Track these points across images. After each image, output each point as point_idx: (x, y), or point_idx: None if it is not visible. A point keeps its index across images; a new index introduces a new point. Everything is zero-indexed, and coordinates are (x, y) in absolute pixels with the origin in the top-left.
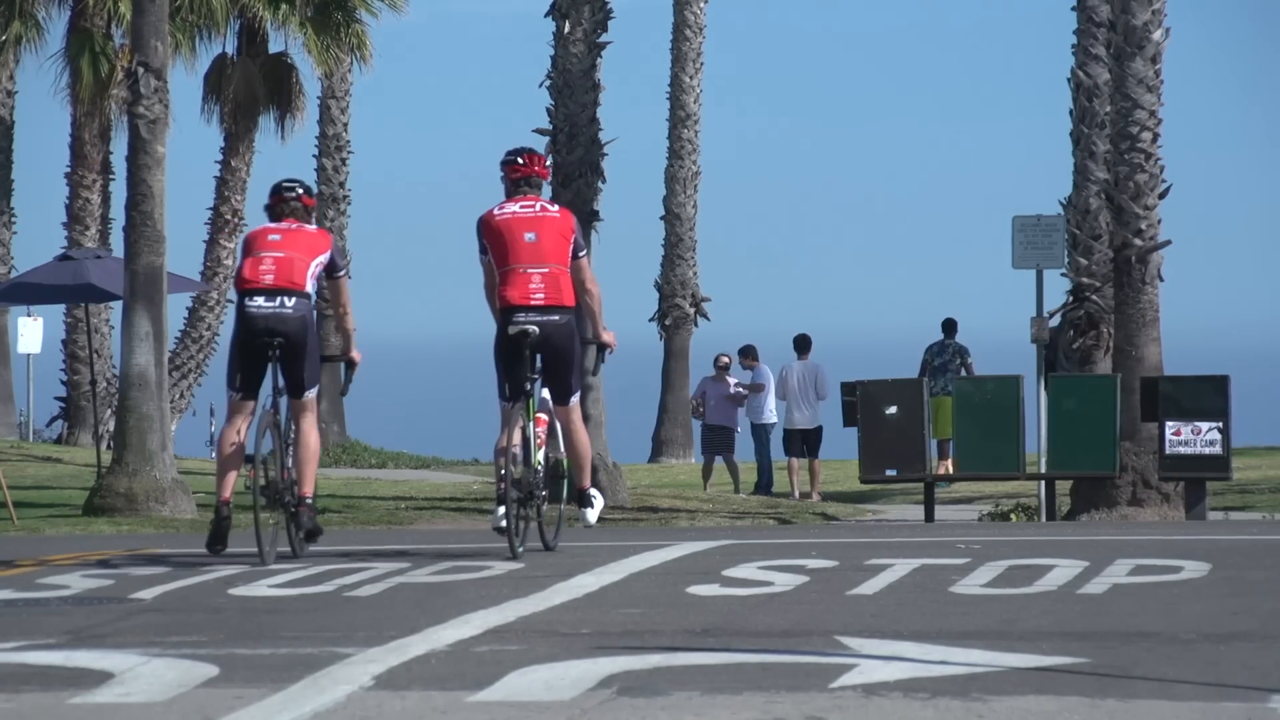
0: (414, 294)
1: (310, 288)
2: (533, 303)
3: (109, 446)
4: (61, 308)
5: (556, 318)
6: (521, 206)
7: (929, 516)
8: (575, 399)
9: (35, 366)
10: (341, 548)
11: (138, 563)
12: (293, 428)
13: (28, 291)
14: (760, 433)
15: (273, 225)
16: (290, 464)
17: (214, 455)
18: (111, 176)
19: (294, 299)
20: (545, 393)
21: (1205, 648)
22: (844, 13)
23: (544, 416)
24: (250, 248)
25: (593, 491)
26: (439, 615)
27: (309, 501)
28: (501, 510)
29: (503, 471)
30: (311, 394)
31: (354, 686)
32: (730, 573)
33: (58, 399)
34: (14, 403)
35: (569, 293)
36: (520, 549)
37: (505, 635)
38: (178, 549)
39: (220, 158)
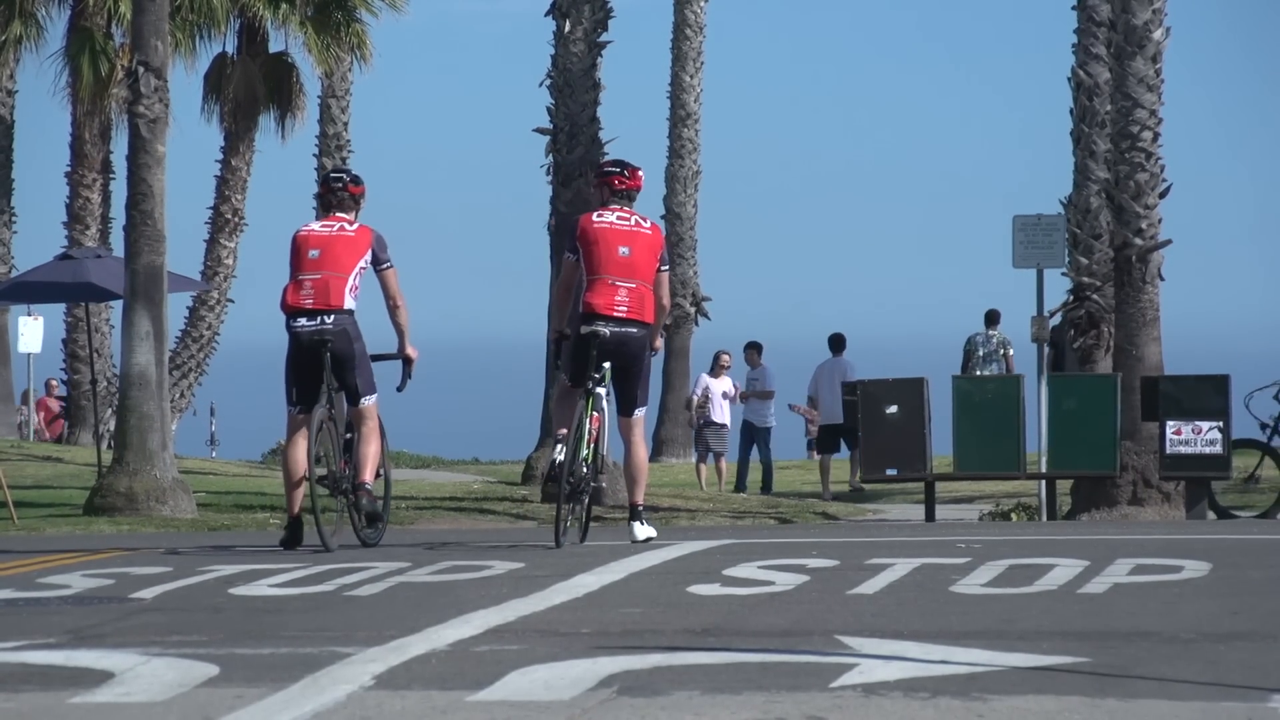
0: (414, 295)
1: (350, 303)
2: (615, 314)
3: (109, 446)
4: (62, 307)
5: (634, 330)
6: (618, 218)
7: (929, 516)
8: (640, 413)
9: (36, 366)
10: (345, 548)
11: (138, 562)
12: (356, 430)
13: (28, 291)
14: (764, 435)
15: (315, 231)
16: (349, 457)
17: (275, 462)
18: (112, 176)
19: (334, 315)
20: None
21: (1206, 647)
22: (845, 12)
23: (598, 415)
24: (293, 266)
25: (644, 507)
26: (439, 615)
27: (368, 487)
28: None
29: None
30: (368, 401)
31: (354, 686)
32: (731, 572)
33: (59, 399)
34: (14, 402)
35: (650, 309)
36: (572, 542)
37: (505, 635)
38: (180, 548)
39: (220, 157)
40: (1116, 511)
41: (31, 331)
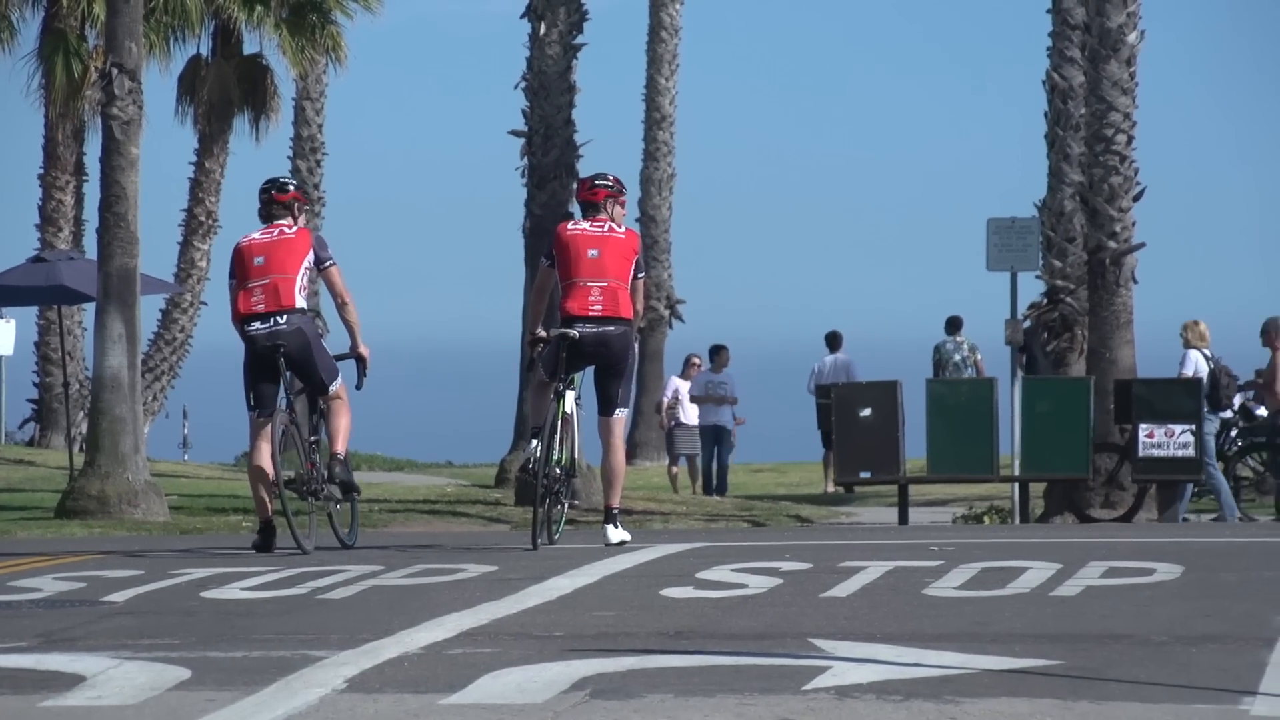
0: (388, 298)
1: (301, 302)
2: (591, 313)
3: (81, 449)
4: (34, 310)
5: (613, 328)
6: (592, 225)
7: (903, 519)
8: (620, 413)
9: (7, 369)
10: (318, 550)
11: (110, 566)
12: (327, 412)
13: (2, 293)
14: (725, 435)
15: (256, 239)
16: (315, 443)
17: (243, 465)
18: (85, 178)
19: (286, 315)
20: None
21: (1177, 650)
22: (819, 14)
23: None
24: (239, 275)
25: (619, 510)
26: (412, 618)
27: (340, 457)
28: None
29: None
30: (335, 385)
31: (326, 689)
32: (704, 575)
33: (30, 401)
34: None
35: (627, 306)
36: (542, 542)
37: (478, 638)
38: (152, 552)
39: (194, 159)
40: (1088, 514)
41: (3, 334)
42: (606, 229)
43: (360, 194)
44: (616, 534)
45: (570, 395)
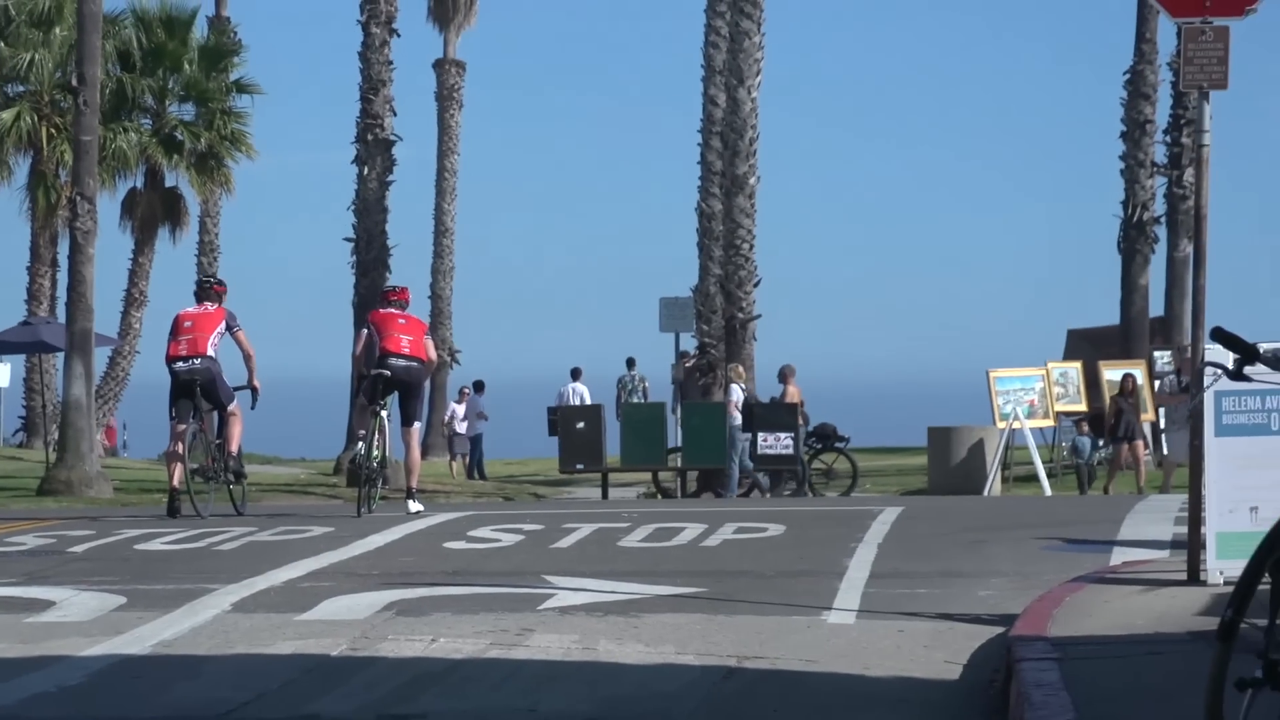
0: (265, 345)
1: (212, 351)
2: (402, 352)
3: (54, 449)
4: (23, 357)
5: (415, 364)
6: (396, 308)
7: (605, 495)
8: (416, 425)
9: (5, 397)
10: (212, 517)
11: (73, 528)
12: (225, 423)
13: (0, 346)
14: (480, 440)
15: (189, 311)
16: (219, 445)
17: (164, 458)
18: (57, 268)
19: (200, 360)
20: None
21: (781, 581)
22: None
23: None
24: (174, 332)
25: (416, 490)
26: (276, 562)
27: (234, 454)
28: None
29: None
30: (232, 405)
31: (218, 610)
32: (473, 533)
33: (20, 417)
34: None
35: (423, 353)
36: (365, 511)
37: (321, 576)
38: (101, 518)
39: (131, 255)
40: (728, 494)
41: (1, 373)
42: (405, 313)
43: (246, 277)
44: (415, 506)
45: (384, 413)
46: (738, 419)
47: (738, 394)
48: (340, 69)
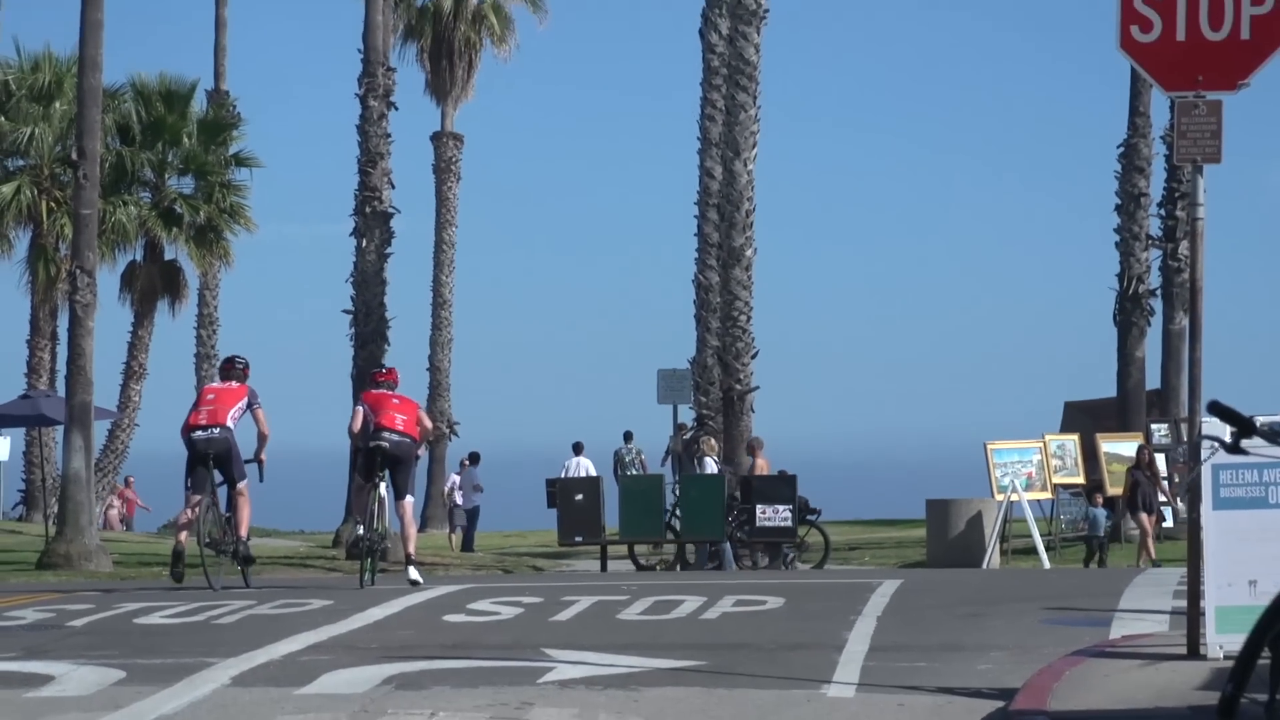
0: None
1: (231, 423)
2: (396, 428)
3: (53, 523)
4: (23, 430)
5: (407, 440)
6: (387, 389)
7: (603, 568)
8: (409, 499)
9: (6, 471)
10: (211, 590)
11: (72, 601)
12: (234, 503)
13: (0, 419)
14: (475, 514)
15: (213, 385)
16: (232, 524)
17: (170, 529)
18: (57, 341)
19: (219, 430)
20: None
21: (781, 654)
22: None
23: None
24: (197, 403)
25: (415, 557)
26: (276, 635)
27: (245, 540)
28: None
29: (360, 529)
30: (241, 484)
31: (217, 684)
32: (472, 606)
33: (20, 490)
34: None
35: (415, 431)
36: (367, 582)
37: (320, 649)
38: (100, 592)
39: (131, 328)
40: (728, 566)
41: (1, 446)
42: (396, 393)
43: (245, 349)
44: (414, 574)
45: (382, 486)
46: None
47: (711, 467)
48: (339, 142)
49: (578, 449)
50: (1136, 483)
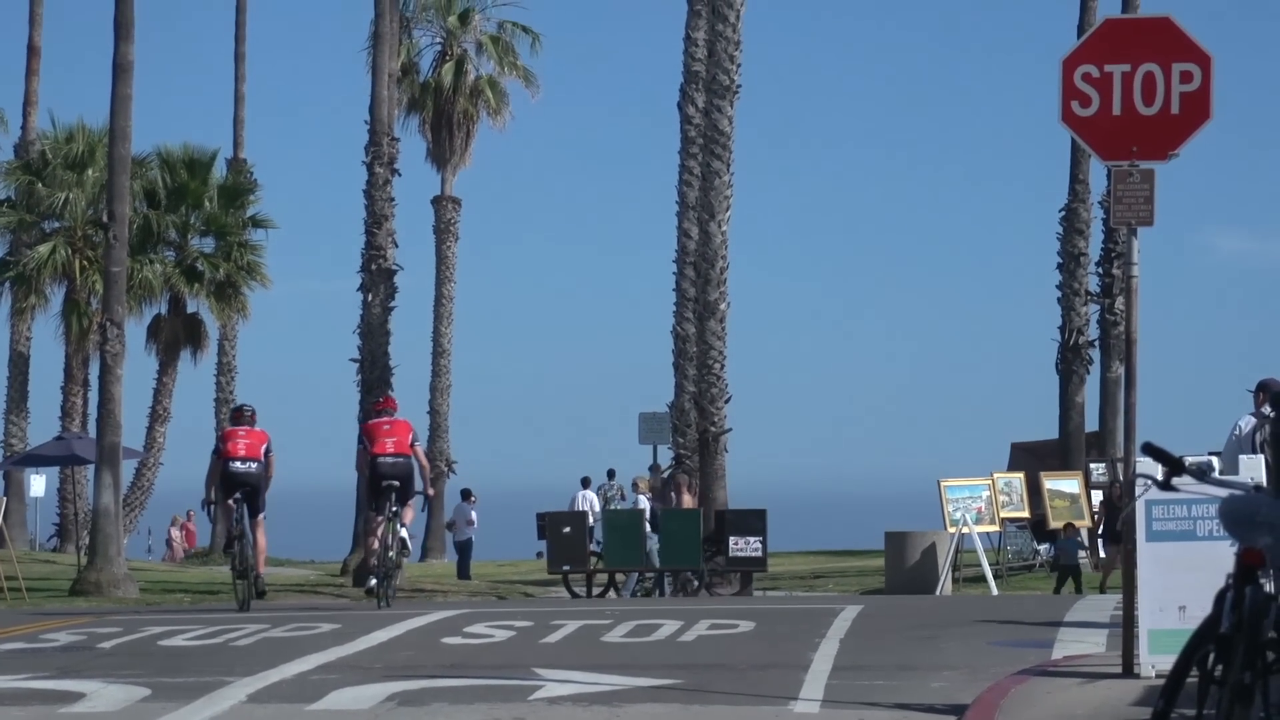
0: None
1: (262, 457)
2: (389, 452)
3: (85, 553)
4: (57, 468)
5: (402, 460)
6: (382, 419)
7: (589, 594)
8: (410, 503)
9: (40, 506)
10: (228, 615)
11: (102, 625)
12: (253, 534)
13: (37, 459)
14: (468, 546)
15: (239, 429)
16: (251, 554)
17: (217, 542)
18: (89, 387)
19: (254, 464)
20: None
21: (752, 673)
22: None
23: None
24: (230, 437)
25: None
26: (288, 656)
27: (259, 574)
28: (373, 581)
29: (374, 558)
30: (261, 515)
31: (235, 701)
32: (468, 629)
33: (54, 524)
34: (26, 527)
35: (407, 449)
36: (384, 605)
37: (329, 669)
38: (127, 616)
39: (156, 375)
40: (702, 592)
41: (37, 483)
42: (390, 418)
43: (261, 394)
44: (404, 532)
45: (395, 521)
46: (645, 528)
47: (644, 503)
48: (346, 205)
49: (585, 483)
50: (1112, 515)
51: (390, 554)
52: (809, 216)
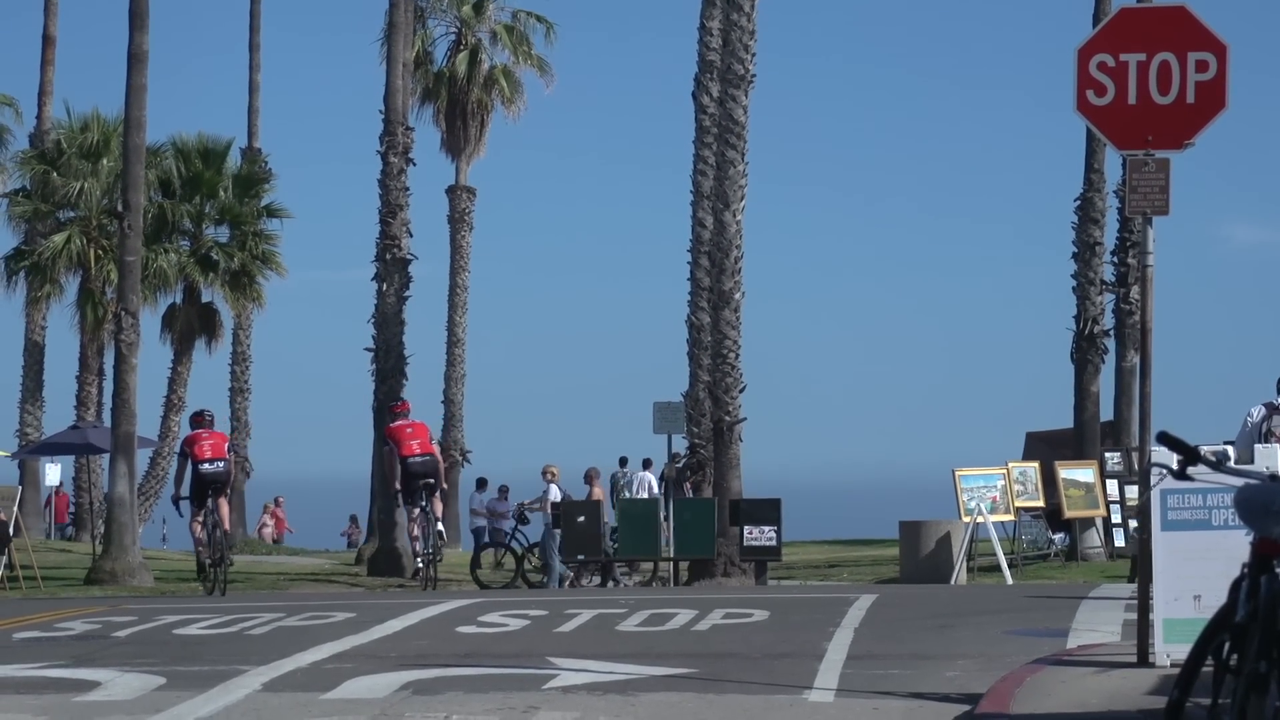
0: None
1: (227, 455)
2: (417, 454)
3: (100, 542)
4: (72, 457)
5: (429, 458)
6: (404, 421)
7: (604, 583)
8: (437, 495)
9: (55, 494)
10: (244, 604)
11: (117, 614)
12: (218, 514)
13: (52, 448)
14: (482, 534)
15: (203, 432)
16: (223, 541)
17: (192, 537)
18: (104, 377)
19: (221, 463)
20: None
21: (766, 662)
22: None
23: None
24: (196, 441)
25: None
26: (302, 645)
27: (227, 530)
28: (420, 563)
29: (417, 546)
30: (223, 498)
31: (249, 690)
32: (483, 618)
33: (69, 512)
34: (40, 516)
35: (430, 448)
36: (430, 588)
37: (343, 658)
38: (142, 605)
39: (170, 365)
40: (714, 581)
41: (53, 472)
42: (410, 421)
43: (276, 383)
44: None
45: (430, 513)
46: (549, 518)
47: (555, 493)
48: (361, 195)
49: (646, 464)
50: None
51: (429, 544)
52: (823, 207)
